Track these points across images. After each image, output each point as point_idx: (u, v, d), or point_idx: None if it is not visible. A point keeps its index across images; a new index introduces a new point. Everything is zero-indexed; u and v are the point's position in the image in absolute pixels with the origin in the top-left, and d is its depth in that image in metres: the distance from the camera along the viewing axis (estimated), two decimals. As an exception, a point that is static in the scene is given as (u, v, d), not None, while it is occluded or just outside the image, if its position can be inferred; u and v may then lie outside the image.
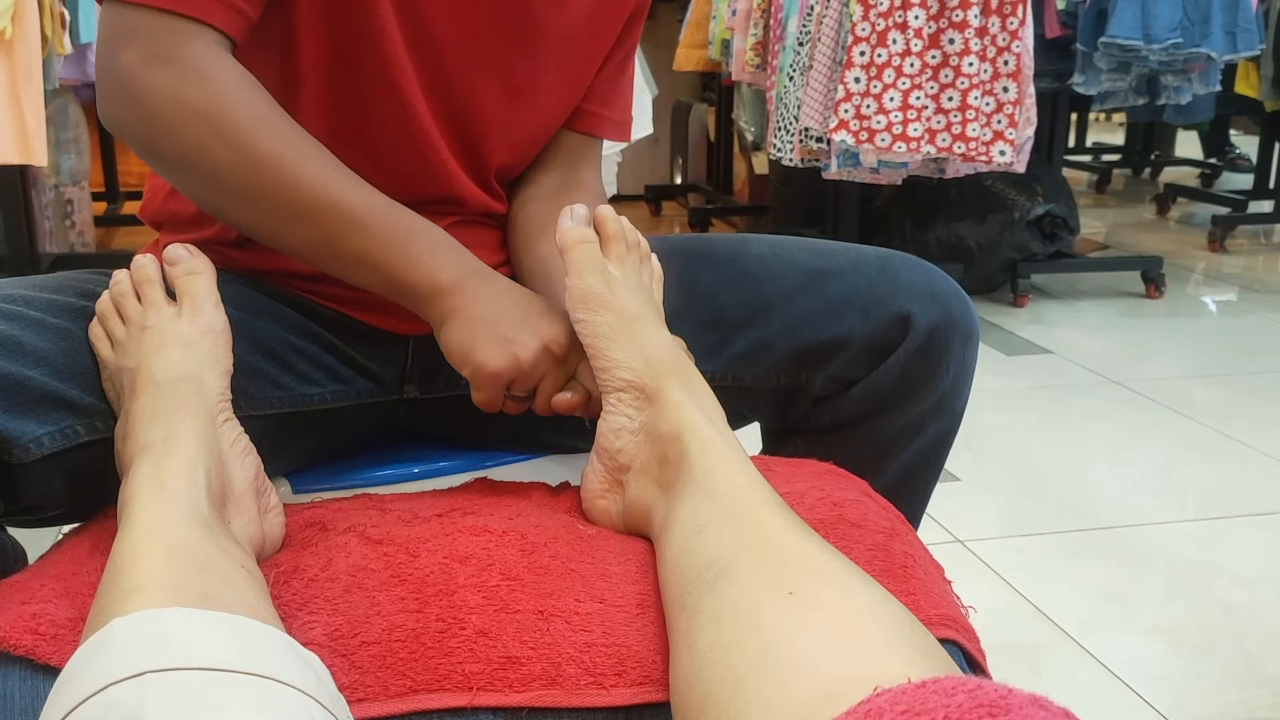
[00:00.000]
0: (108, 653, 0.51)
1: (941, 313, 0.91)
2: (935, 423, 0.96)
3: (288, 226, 0.79)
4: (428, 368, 0.95)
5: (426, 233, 0.81)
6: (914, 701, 0.45)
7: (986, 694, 0.44)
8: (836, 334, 0.92)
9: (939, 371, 0.92)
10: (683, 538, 0.66)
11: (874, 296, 0.92)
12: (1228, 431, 2.26)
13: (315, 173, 0.78)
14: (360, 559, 0.68)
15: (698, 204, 4.63)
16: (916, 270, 0.94)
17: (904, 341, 0.90)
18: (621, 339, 0.78)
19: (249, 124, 0.77)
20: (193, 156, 0.77)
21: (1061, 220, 3.23)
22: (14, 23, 2.38)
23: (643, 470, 0.75)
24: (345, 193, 0.79)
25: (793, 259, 0.96)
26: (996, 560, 1.72)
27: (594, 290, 0.79)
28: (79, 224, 3.48)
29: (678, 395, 0.75)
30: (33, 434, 0.72)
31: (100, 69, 0.78)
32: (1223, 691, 1.38)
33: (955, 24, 2.60)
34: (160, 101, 0.76)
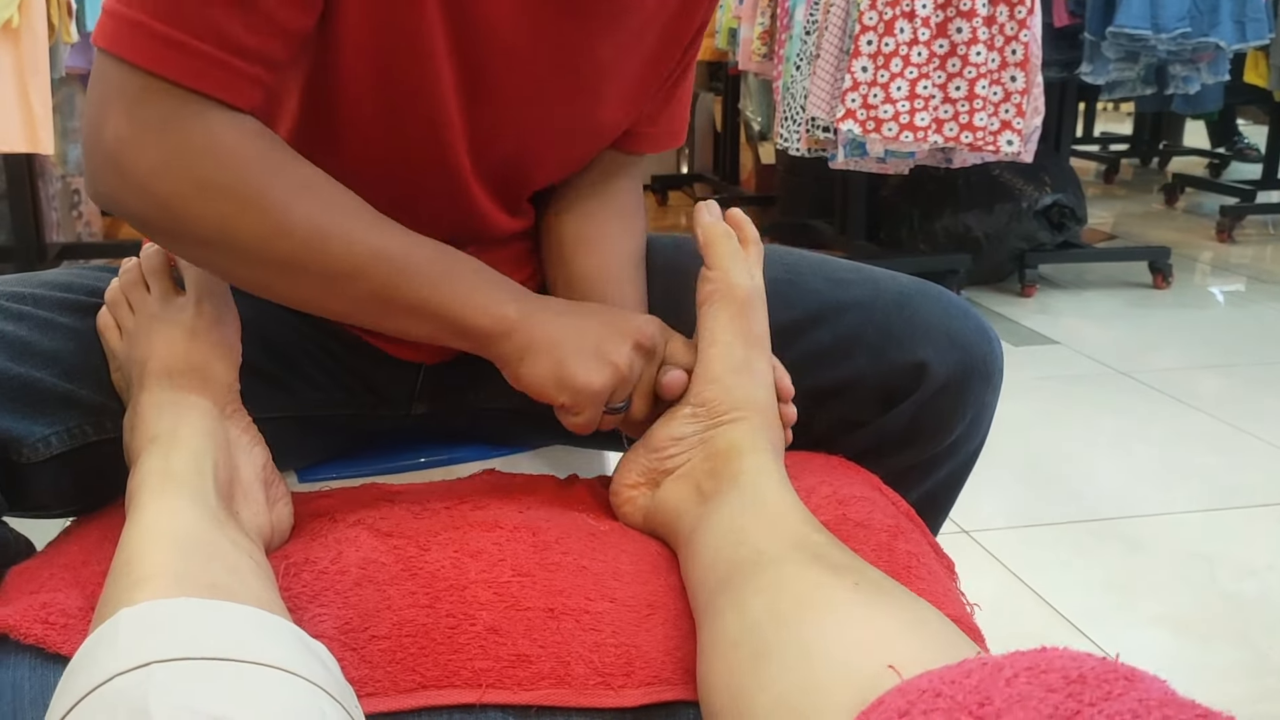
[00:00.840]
0: (115, 643, 0.51)
1: (960, 358, 0.85)
2: (949, 463, 0.92)
3: (329, 289, 0.72)
4: (438, 391, 0.93)
5: (479, 272, 0.76)
6: (1037, 660, 0.44)
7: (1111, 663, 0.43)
8: (845, 375, 0.87)
9: (954, 419, 0.87)
10: (725, 533, 0.65)
11: (889, 337, 0.86)
12: (1235, 422, 2.26)
13: (355, 227, 0.71)
14: (370, 552, 0.68)
15: (704, 194, 4.62)
16: (935, 308, 0.88)
17: (917, 391, 0.85)
18: (737, 360, 0.75)
19: (273, 189, 0.69)
20: (212, 233, 0.68)
21: (1069, 210, 3.22)
22: (21, 11, 2.38)
23: (685, 477, 0.74)
24: (390, 243, 0.72)
25: (806, 286, 0.90)
26: (1003, 550, 1.72)
27: (740, 290, 0.76)
28: (86, 214, 3.48)
29: (751, 430, 0.74)
30: (41, 434, 0.72)
31: (88, 141, 0.68)
32: (1228, 681, 1.38)
33: (963, 13, 2.59)
34: (167, 178, 0.67)
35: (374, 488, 0.83)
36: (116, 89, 0.67)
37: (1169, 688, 0.43)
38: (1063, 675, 0.42)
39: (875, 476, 0.85)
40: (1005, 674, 0.43)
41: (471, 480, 0.85)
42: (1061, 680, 0.42)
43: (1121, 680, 0.42)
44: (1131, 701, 0.41)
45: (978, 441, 0.93)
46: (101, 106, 0.68)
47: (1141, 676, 0.43)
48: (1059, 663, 0.43)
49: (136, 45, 0.66)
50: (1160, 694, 0.42)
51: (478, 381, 0.93)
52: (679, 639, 0.64)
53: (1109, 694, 0.41)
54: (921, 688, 0.44)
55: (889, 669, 0.47)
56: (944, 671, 0.45)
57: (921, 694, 0.44)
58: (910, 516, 0.80)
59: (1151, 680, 0.43)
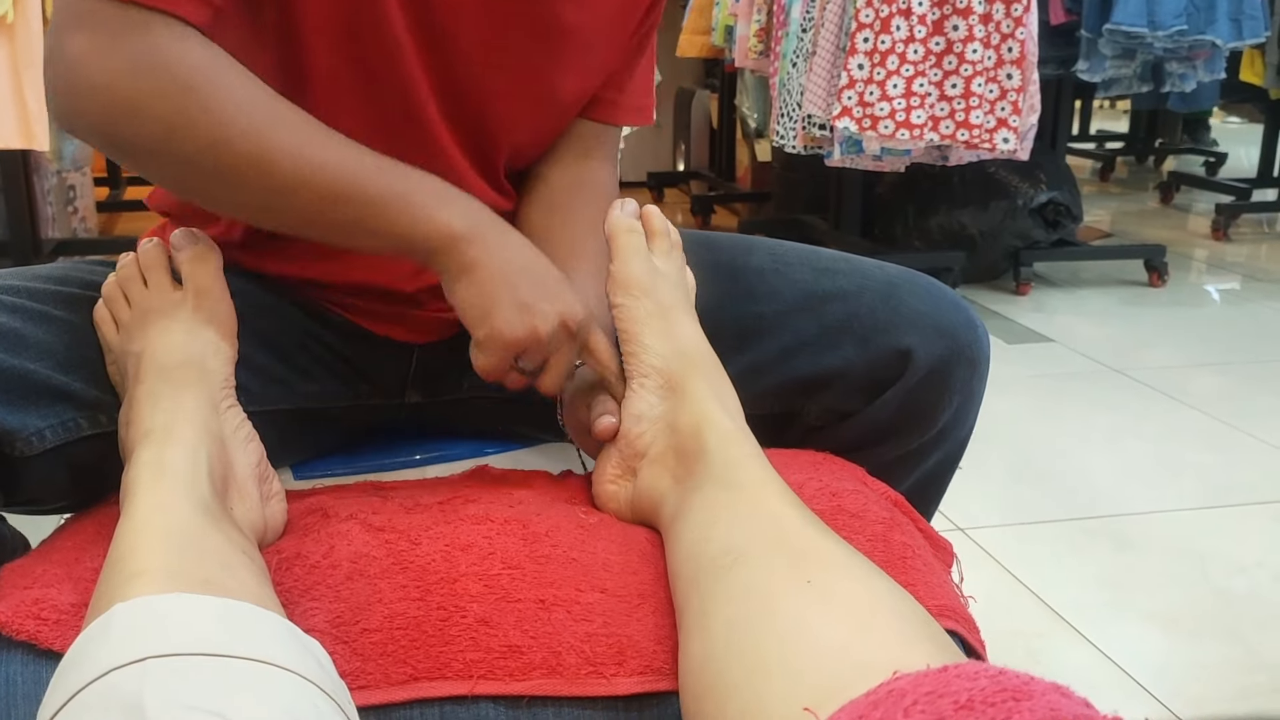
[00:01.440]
0: (109, 638, 0.52)
1: (946, 345, 0.86)
2: (937, 451, 0.93)
3: (273, 203, 0.73)
4: (431, 375, 0.94)
5: (428, 183, 0.76)
6: (938, 684, 0.45)
7: (1009, 679, 0.44)
8: (832, 364, 0.88)
9: (940, 405, 0.88)
10: (697, 526, 0.66)
11: (875, 326, 0.87)
12: (1228, 420, 2.26)
13: (296, 143, 0.72)
14: (362, 546, 0.68)
15: (700, 191, 4.62)
16: (921, 296, 0.89)
17: (902, 377, 0.86)
18: (655, 326, 0.78)
19: (218, 101, 0.71)
20: (160, 142, 0.70)
21: (1064, 208, 3.22)
22: (15, 6, 2.37)
23: (658, 460, 0.76)
24: (329, 160, 0.73)
25: (793, 275, 0.92)
26: (996, 548, 1.72)
27: (637, 276, 0.80)
28: (81, 209, 3.48)
29: (700, 388, 0.76)
30: (35, 427, 0.72)
31: (49, 60, 0.72)
32: (1221, 678, 1.38)
33: (959, 10, 2.59)
34: (119, 89, 0.69)
35: (366, 484, 0.84)
36: (73, 9, 0.71)
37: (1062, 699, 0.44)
38: (953, 701, 0.44)
39: (862, 469, 0.85)
40: (906, 702, 0.44)
41: (463, 476, 0.85)
42: (951, 706, 0.43)
43: (1009, 700, 0.43)
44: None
45: (965, 430, 0.94)
46: (60, 28, 0.71)
47: (1032, 692, 0.44)
48: (955, 686, 0.45)
49: None
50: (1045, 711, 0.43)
51: (469, 368, 0.93)
52: (670, 628, 0.64)
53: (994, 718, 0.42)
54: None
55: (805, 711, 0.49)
56: (853, 706, 0.46)
57: None
58: (900, 505, 0.81)
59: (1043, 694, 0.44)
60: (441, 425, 0.98)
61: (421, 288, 0.89)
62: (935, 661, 0.49)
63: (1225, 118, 7.25)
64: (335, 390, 0.90)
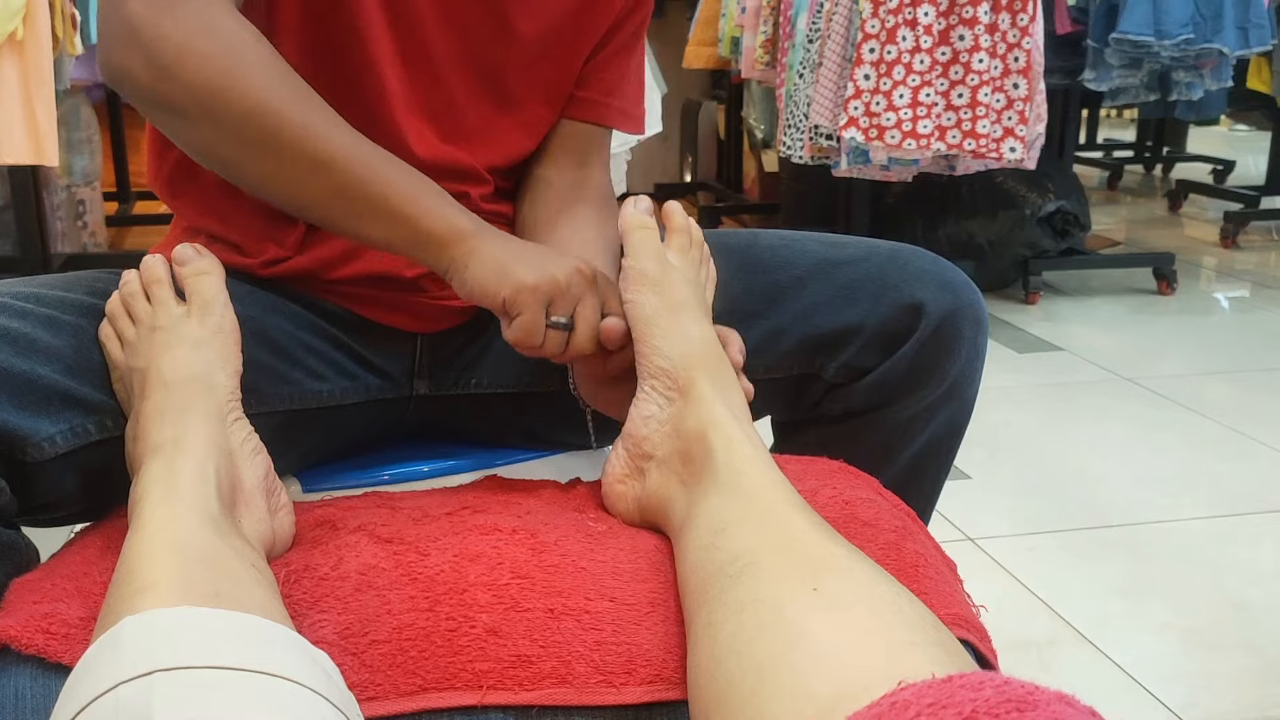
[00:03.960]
0: (118, 652, 0.51)
1: (953, 300, 0.91)
2: (946, 409, 0.96)
3: (303, 177, 0.77)
4: (437, 364, 0.95)
5: (436, 189, 0.80)
6: (941, 695, 0.45)
7: (1013, 689, 0.44)
8: (848, 322, 0.92)
9: (951, 358, 0.92)
10: (705, 534, 0.66)
11: (885, 284, 0.92)
12: (1240, 428, 2.25)
13: (331, 124, 0.77)
14: (370, 558, 0.68)
15: (708, 202, 4.62)
16: (925, 259, 0.94)
17: (917, 329, 0.90)
18: (663, 325, 0.78)
19: (262, 71, 0.75)
20: (204, 104, 0.74)
21: (1073, 217, 3.22)
22: (26, 23, 2.38)
23: (665, 463, 0.75)
24: (360, 143, 0.78)
25: (804, 249, 0.96)
26: (1007, 558, 1.71)
27: (649, 272, 0.80)
28: (91, 224, 3.49)
29: (707, 391, 0.75)
30: (46, 432, 0.73)
31: (104, 18, 0.76)
32: (1235, 689, 1.38)
33: (965, 20, 2.59)
34: (170, 47, 0.74)
35: (374, 495, 0.83)
36: None
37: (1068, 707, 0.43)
38: (956, 712, 0.43)
39: (876, 481, 0.85)
40: (910, 713, 0.44)
41: (470, 486, 0.85)
42: (955, 718, 0.43)
43: (1013, 712, 0.43)
44: None
45: (972, 390, 0.97)
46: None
47: (1035, 703, 0.43)
48: (959, 696, 0.44)
49: None
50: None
51: (476, 359, 0.95)
52: (679, 636, 0.64)
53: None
54: None
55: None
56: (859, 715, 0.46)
57: None
58: (913, 518, 0.81)
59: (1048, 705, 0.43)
60: (450, 423, 0.98)
61: (421, 274, 0.91)
62: (941, 668, 0.49)
63: (1233, 126, 7.24)
64: (343, 387, 0.91)
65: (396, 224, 0.78)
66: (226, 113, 0.75)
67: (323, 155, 0.76)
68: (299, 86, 0.77)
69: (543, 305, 0.77)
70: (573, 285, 0.79)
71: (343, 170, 0.76)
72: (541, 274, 0.77)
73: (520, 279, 0.76)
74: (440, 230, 0.78)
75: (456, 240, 0.78)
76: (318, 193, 0.77)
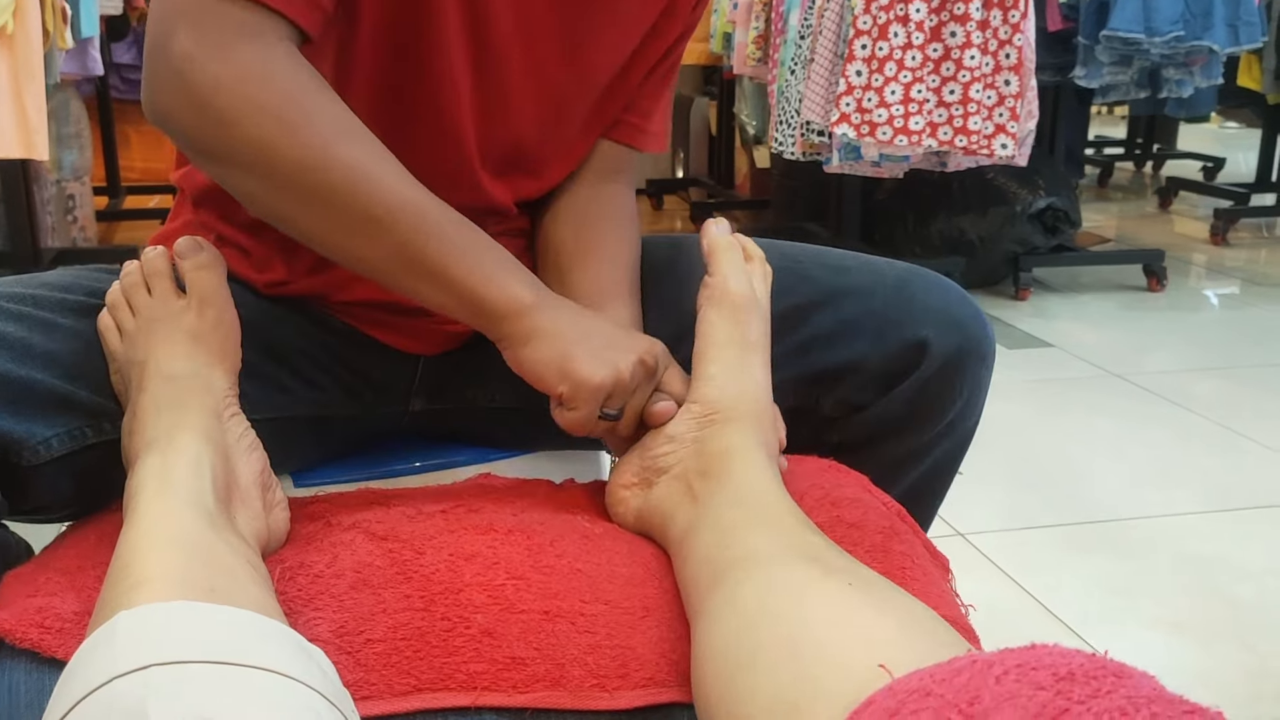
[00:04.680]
0: (112, 646, 0.51)
1: (958, 338, 0.88)
2: (945, 443, 0.94)
3: (360, 232, 0.72)
4: (437, 385, 0.94)
5: (499, 250, 0.76)
6: (1027, 658, 0.44)
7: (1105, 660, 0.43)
8: (848, 358, 0.89)
9: (953, 396, 0.90)
10: (716, 534, 0.65)
11: (888, 320, 0.88)
12: (1230, 424, 2.26)
13: (391, 176, 0.72)
14: (366, 555, 0.68)
15: (699, 198, 4.62)
16: (933, 292, 0.90)
17: (918, 369, 0.87)
18: (731, 358, 0.76)
19: (321, 122, 0.70)
20: (256, 155, 0.70)
21: (1063, 214, 3.23)
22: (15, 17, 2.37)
23: (678, 477, 0.74)
24: (423, 199, 0.73)
25: (807, 274, 0.92)
26: (998, 553, 1.72)
27: (736, 295, 0.77)
28: (81, 219, 3.48)
29: (748, 430, 0.74)
30: (42, 436, 0.72)
31: (150, 54, 0.70)
32: (1227, 685, 1.38)
33: (957, 17, 2.60)
34: (223, 96, 0.68)
35: (369, 492, 0.83)
36: (182, 5, 0.69)
37: (1158, 684, 0.43)
38: (1052, 673, 0.42)
39: (865, 478, 0.85)
40: (995, 671, 0.43)
41: (466, 484, 0.85)
42: (1050, 678, 0.42)
43: (1110, 677, 0.42)
44: (1120, 699, 0.41)
45: (972, 422, 0.95)
46: (168, 21, 0.69)
47: (1130, 673, 0.43)
48: (1049, 660, 0.43)
49: None
50: (1150, 690, 0.42)
51: (475, 378, 0.94)
52: (674, 641, 0.64)
53: (1097, 691, 0.41)
54: (911, 687, 0.45)
55: (880, 668, 0.47)
56: (934, 670, 0.45)
57: (911, 693, 0.44)
58: (903, 517, 0.81)
59: (1140, 677, 0.43)
60: (444, 432, 0.98)
61: None
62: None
63: (1223, 123, 7.27)
64: (339, 398, 0.90)
65: (453, 290, 0.74)
66: (280, 167, 0.70)
67: (379, 212, 0.71)
68: (361, 137, 0.72)
69: (599, 403, 0.75)
70: (634, 378, 0.75)
71: (401, 228, 0.72)
72: (607, 371, 0.73)
73: (583, 377, 0.73)
74: (499, 302, 0.74)
75: (515, 315, 0.74)
76: (373, 251, 0.73)
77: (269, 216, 0.75)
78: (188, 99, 0.69)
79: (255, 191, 0.73)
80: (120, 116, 4.26)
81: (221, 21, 0.69)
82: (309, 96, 0.71)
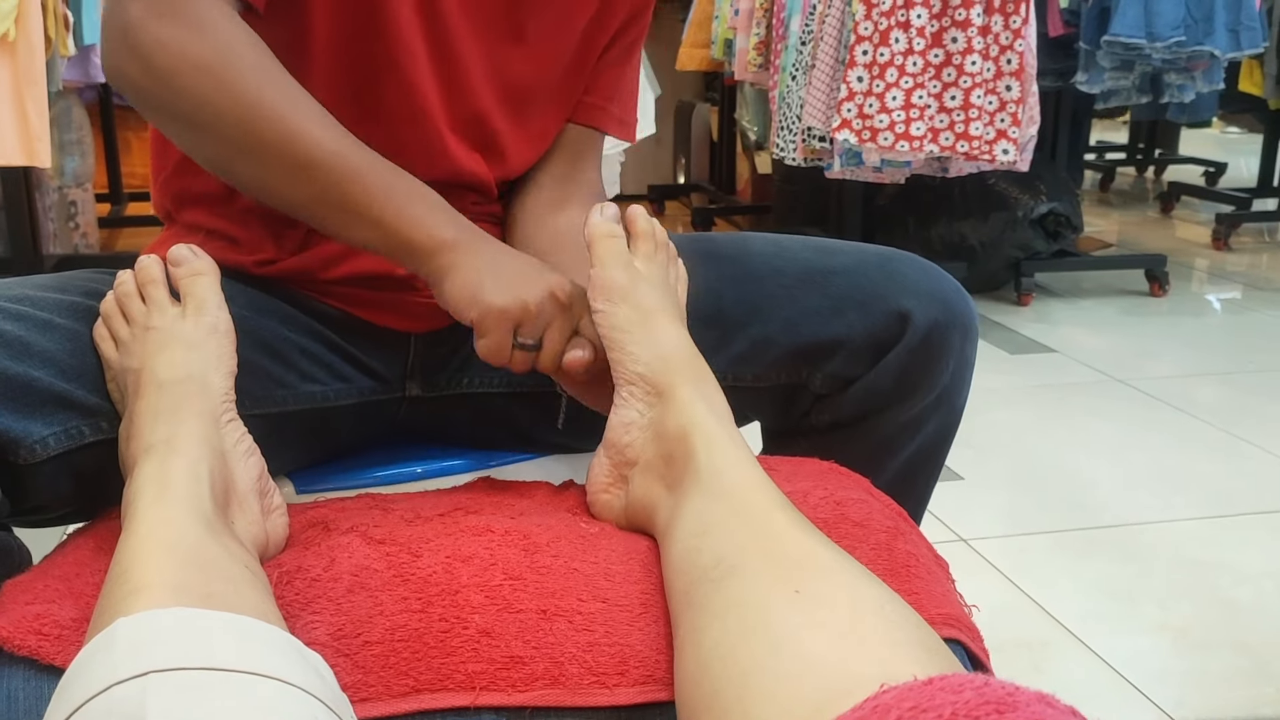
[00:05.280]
0: (111, 653, 0.51)
1: (941, 309, 0.91)
2: (935, 419, 0.96)
3: (290, 180, 0.78)
4: (430, 366, 0.95)
5: (426, 194, 0.81)
6: (921, 698, 0.45)
7: (993, 691, 0.44)
8: (836, 332, 0.91)
9: (938, 368, 0.92)
10: (688, 536, 0.66)
11: (874, 293, 0.91)
12: (1232, 430, 2.26)
13: (318, 127, 0.78)
14: (363, 559, 0.68)
15: (701, 204, 4.63)
16: (917, 268, 0.94)
17: (903, 338, 0.90)
18: (637, 332, 0.78)
19: (252, 78, 0.76)
20: (195, 110, 0.76)
21: (1065, 218, 3.23)
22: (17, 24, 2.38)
23: (648, 467, 0.75)
24: (348, 148, 0.79)
25: (795, 256, 0.96)
26: (999, 558, 1.72)
27: (617, 282, 0.79)
28: (83, 225, 3.49)
29: (687, 393, 0.75)
30: (39, 434, 0.73)
31: (105, 21, 0.78)
32: (1226, 689, 1.38)
33: (958, 22, 2.60)
34: (164, 54, 0.75)
35: (369, 497, 0.83)
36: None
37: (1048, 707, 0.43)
38: (936, 715, 0.43)
39: (867, 481, 0.85)
40: (890, 717, 0.44)
41: (465, 488, 0.85)
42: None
43: (994, 713, 0.43)
44: None
45: (961, 399, 0.97)
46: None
47: (1016, 704, 0.43)
48: (939, 699, 0.44)
49: None
50: None
51: (467, 361, 0.95)
52: (671, 637, 0.64)
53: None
54: None
55: None
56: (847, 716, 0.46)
57: None
58: (904, 517, 0.81)
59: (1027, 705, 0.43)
60: (441, 423, 0.99)
61: None
62: (924, 669, 0.49)
63: (1224, 128, 7.27)
64: (336, 389, 0.91)
65: (378, 230, 0.79)
66: (217, 118, 0.76)
67: (305, 158, 0.77)
68: (289, 90, 0.78)
69: (510, 329, 0.78)
70: (543, 310, 0.79)
71: (326, 173, 0.77)
72: (511, 298, 0.77)
73: (489, 302, 0.77)
74: (420, 239, 0.79)
75: (436, 251, 0.79)
76: (303, 196, 0.79)
77: (211, 166, 0.81)
78: (135, 58, 0.77)
79: (197, 144, 0.80)
80: (122, 123, 4.27)
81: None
82: (240, 51, 0.77)
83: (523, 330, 0.79)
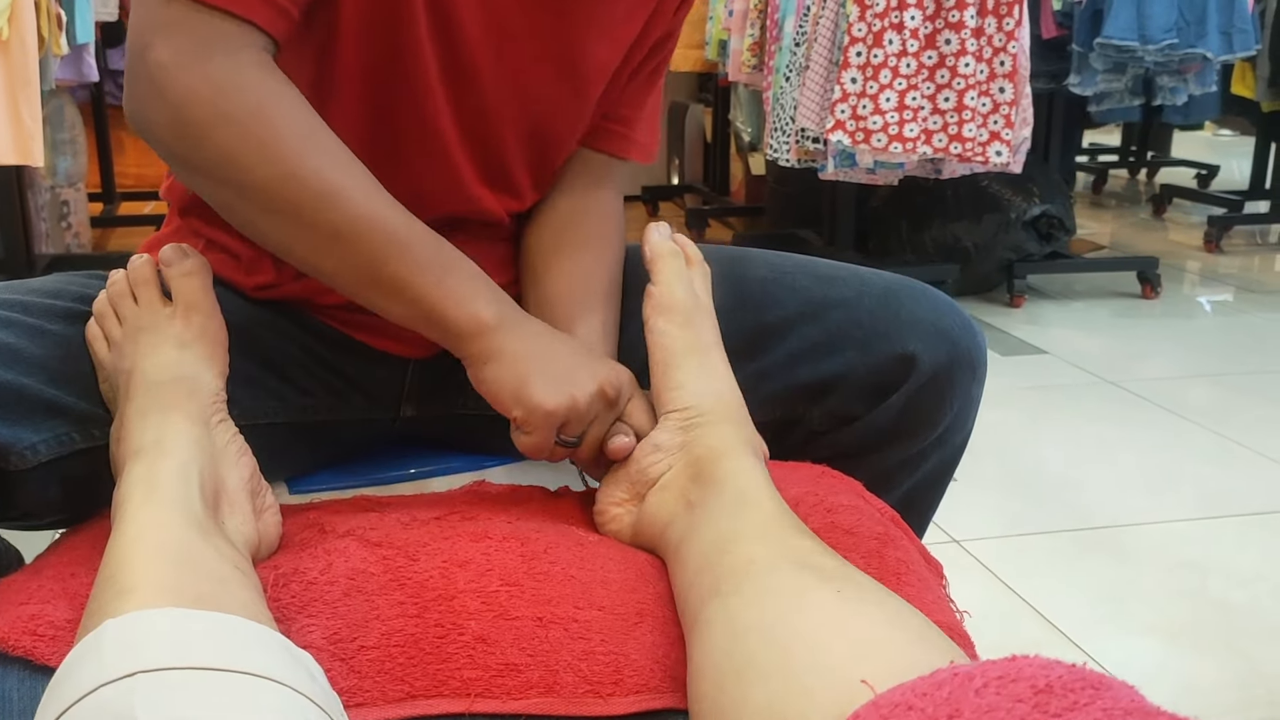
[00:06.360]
0: (100, 653, 0.51)
1: (948, 350, 0.87)
2: (936, 455, 0.93)
3: (325, 246, 0.73)
4: (427, 390, 0.94)
5: (466, 266, 0.77)
6: (1008, 670, 0.44)
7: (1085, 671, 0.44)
8: (835, 370, 0.88)
9: (942, 409, 0.89)
10: (715, 543, 0.65)
11: (875, 331, 0.87)
12: (1223, 432, 2.27)
13: (358, 191, 0.73)
14: (360, 562, 0.68)
15: (694, 205, 4.62)
16: (922, 302, 0.89)
17: (907, 382, 0.86)
18: (694, 364, 0.76)
19: (290, 136, 0.71)
20: (226, 167, 0.71)
21: (1057, 220, 3.23)
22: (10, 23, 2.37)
23: (669, 486, 0.74)
24: (389, 215, 0.74)
25: (794, 285, 0.91)
26: (992, 560, 1.72)
27: (680, 301, 0.77)
28: (75, 225, 3.48)
29: (728, 430, 0.74)
30: (29, 441, 0.72)
31: (131, 65, 0.72)
32: (1219, 691, 1.38)
33: (951, 25, 2.60)
34: (196, 107, 0.70)
35: (364, 499, 0.83)
36: (159, 16, 0.71)
37: (1137, 695, 0.43)
38: (1030, 685, 0.43)
39: (859, 484, 0.85)
40: (975, 684, 0.43)
41: (460, 491, 0.85)
42: (1029, 690, 0.42)
43: (1089, 689, 0.42)
44: (1097, 711, 0.41)
45: (964, 434, 0.95)
46: (145, 34, 0.71)
47: (1109, 684, 0.43)
48: (1028, 671, 0.44)
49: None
50: (1127, 702, 0.42)
51: (465, 386, 0.93)
52: (667, 647, 0.64)
53: (1075, 703, 0.42)
54: (894, 701, 0.45)
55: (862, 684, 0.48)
56: (916, 684, 0.45)
57: (894, 707, 0.44)
58: (897, 522, 0.81)
59: (1120, 688, 0.43)
60: (436, 440, 0.98)
61: None
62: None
63: (1217, 131, 7.28)
64: (329, 404, 0.90)
65: (417, 308, 0.75)
66: (250, 179, 0.71)
67: (344, 228, 0.72)
68: (329, 149, 0.73)
69: (555, 429, 0.75)
70: (591, 407, 0.75)
71: (365, 243, 0.73)
72: (562, 398, 0.74)
73: (536, 403, 0.74)
74: (461, 321, 0.75)
75: (477, 334, 0.75)
76: (339, 266, 0.74)
77: (242, 227, 0.77)
78: (164, 110, 0.71)
79: (228, 202, 0.75)
80: (115, 122, 4.26)
81: (195, 33, 0.70)
82: (278, 108, 0.72)
83: (567, 429, 0.76)
